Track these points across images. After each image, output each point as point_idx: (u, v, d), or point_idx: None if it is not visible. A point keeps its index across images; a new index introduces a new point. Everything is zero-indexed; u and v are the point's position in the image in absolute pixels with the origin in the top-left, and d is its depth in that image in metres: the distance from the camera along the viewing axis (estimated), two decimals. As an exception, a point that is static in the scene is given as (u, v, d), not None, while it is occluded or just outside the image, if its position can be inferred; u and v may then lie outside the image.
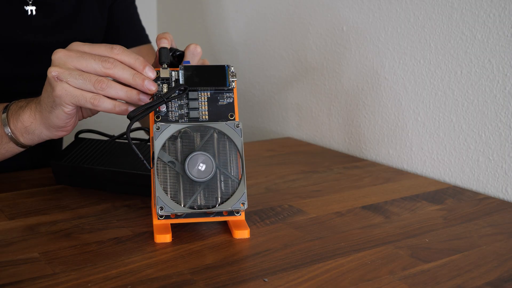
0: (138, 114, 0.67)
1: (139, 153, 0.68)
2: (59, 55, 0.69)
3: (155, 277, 0.58)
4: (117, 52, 0.68)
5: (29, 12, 0.92)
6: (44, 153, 1.06)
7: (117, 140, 0.89)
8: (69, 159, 0.85)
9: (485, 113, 0.92)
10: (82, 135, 0.91)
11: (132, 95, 0.69)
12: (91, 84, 0.67)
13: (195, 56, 0.75)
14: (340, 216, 0.78)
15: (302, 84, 1.27)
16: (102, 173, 0.82)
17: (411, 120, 1.04)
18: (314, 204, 0.82)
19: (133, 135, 0.78)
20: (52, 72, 0.68)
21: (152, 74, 0.69)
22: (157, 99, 0.68)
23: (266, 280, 0.58)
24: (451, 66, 0.96)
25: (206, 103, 0.71)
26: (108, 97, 0.68)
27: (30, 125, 0.75)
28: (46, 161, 1.02)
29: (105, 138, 0.91)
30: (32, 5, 0.93)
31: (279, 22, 1.31)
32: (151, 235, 0.69)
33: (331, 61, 1.19)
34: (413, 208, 0.82)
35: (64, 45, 0.84)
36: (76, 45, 0.70)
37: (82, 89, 0.68)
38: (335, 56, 1.18)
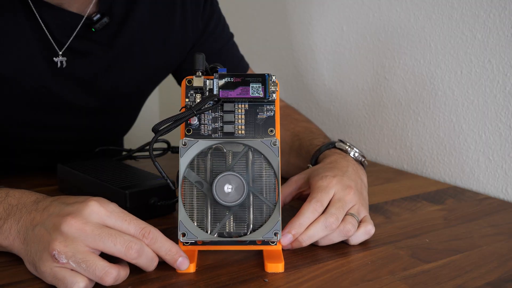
0: (165, 127, 0.59)
1: (162, 170, 0.61)
2: (71, 228, 0.53)
3: (155, 277, 0.58)
4: (149, 242, 0.56)
5: (59, 64, 0.82)
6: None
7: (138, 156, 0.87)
8: (75, 165, 0.81)
9: (485, 113, 0.92)
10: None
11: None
12: (94, 276, 0.53)
13: (364, 236, 0.68)
14: (340, 216, 0.78)
15: (301, 84, 1.27)
16: (90, 183, 0.76)
17: (411, 120, 1.04)
18: (314, 204, 0.82)
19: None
20: (52, 249, 0.52)
21: (184, 266, 0.58)
22: (187, 111, 0.60)
23: (267, 280, 0.58)
24: (451, 66, 0.96)
25: (243, 116, 0.63)
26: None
27: (6, 247, 0.59)
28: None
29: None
30: (63, 56, 0.82)
31: (279, 21, 1.31)
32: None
33: (330, 61, 1.19)
34: (413, 208, 0.82)
35: (99, 100, 0.79)
36: (98, 215, 0.54)
37: (79, 274, 0.53)
38: (335, 56, 1.18)
